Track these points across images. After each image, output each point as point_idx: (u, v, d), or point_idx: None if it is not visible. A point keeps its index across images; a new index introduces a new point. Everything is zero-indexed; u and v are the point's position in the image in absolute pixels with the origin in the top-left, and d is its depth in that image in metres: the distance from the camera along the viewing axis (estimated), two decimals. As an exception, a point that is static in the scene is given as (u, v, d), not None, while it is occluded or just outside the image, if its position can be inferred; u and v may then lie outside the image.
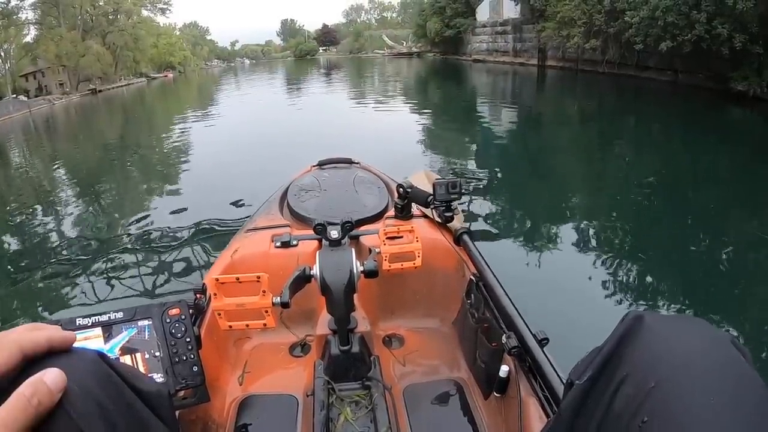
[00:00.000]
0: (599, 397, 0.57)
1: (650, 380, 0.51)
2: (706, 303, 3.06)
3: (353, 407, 1.25)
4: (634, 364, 0.54)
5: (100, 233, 4.87)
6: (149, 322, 1.10)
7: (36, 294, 3.61)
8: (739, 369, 0.51)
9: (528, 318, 1.17)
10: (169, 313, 1.12)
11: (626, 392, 0.53)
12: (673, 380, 0.50)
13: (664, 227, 4.27)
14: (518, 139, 8.89)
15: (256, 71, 47.22)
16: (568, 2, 17.34)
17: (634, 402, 0.52)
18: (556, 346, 1.10)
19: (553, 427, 0.66)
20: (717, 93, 11.30)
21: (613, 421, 0.54)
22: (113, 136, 13.39)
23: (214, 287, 1.17)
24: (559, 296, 2.95)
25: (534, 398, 1.05)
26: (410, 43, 50.56)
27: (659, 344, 0.54)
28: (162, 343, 1.10)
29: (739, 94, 10.56)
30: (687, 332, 0.55)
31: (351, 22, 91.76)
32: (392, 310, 1.74)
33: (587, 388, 0.59)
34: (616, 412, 0.54)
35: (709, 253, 3.82)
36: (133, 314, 1.10)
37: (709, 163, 6.55)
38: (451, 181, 1.62)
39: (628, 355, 0.55)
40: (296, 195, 2.05)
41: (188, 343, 1.12)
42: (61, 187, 7.62)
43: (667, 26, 11.83)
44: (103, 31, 37.98)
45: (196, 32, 77.52)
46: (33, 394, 0.42)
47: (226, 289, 1.17)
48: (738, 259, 3.66)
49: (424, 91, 18.75)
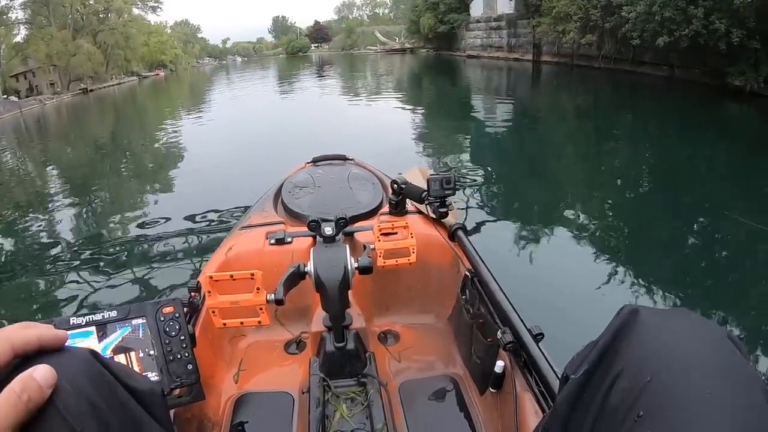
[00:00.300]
0: (595, 391, 0.57)
1: (646, 374, 0.51)
2: (702, 297, 3.07)
3: (349, 404, 1.26)
4: (629, 358, 0.54)
5: (93, 233, 4.86)
6: (143, 320, 1.09)
7: (30, 294, 3.60)
8: (734, 362, 0.51)
9: (523, 313, 1.17)
10: (163, 312, 1.11)
11: (622, 386, 0.53)
12: (668, 374, 0.50)
13: (658, 222, 4.29)
14: (513, 134, 8.90)
15: (248, 69, 47.02)
16: (564, -3, 17.26)
17: (629, 396, 0.52)
18: (551, 341, 1.10)
19: (549, 421, 0.66)
20: (713, 88, 11.31)
21: (609, 415, 0.54)
22: (105, 136, 13.32)
23: (208, 285, 1.16)
24: (555, 291, 2.95)
25: (529, 393, 1.06)
26: (403, 39, 50.49)
27: (654, 338, 0.54)
28: (156, 342, 1.09)
29: (736, 89, 10.56)
30: (682, 326, 0.55)
31: (343, 19, 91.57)
32: (387, 307, 1.74)
33: (583, 382, 0.59)
34: (612, 406, 0.54)
35: (704, 247, 3.85)
36: (127, 313, 1.09)
37: (705, 157, 6.57)
38: (445, 177, 1.62)
39: (624, 349, 0.55)
40: (290, 192, 2.04)
41: (182, 341, 1.11)
42: (54, 187, 7.57)
43: (665, 21, 11.78)
44: (93, 29, 37.71)
45: (188, 30, 77.10)
46: (23, 390, 0.42)
47: (220, 287, 1.17)
48: (734, 253, 3.69)
49: (418, 87, 18.73)
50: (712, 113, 9.78)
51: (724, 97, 10.57)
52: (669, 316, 0.59)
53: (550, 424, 0.65)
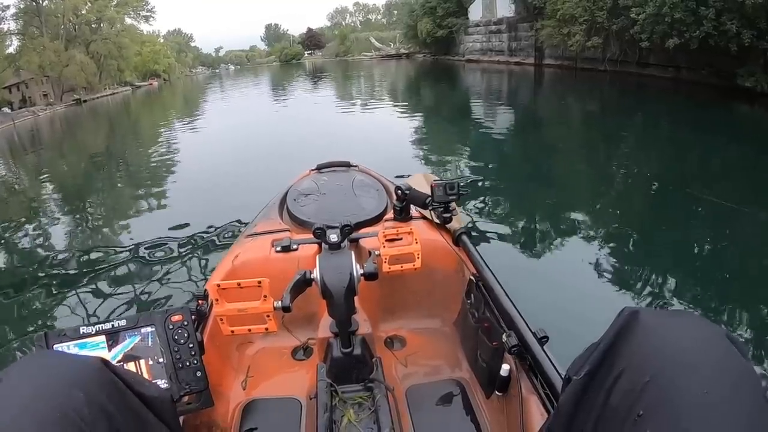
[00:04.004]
0: (597, 391, 0.59)
1: (646, 374, 0.53)
2: (704, 298, 3.08)
3: (356, 409, 1.26)
4: (630, 359, 0.56)
5: (97, 243, 4.83)
6: (152, 329, 1.11)
7: (39, 306, 3.57)
8: (733, 362, 0.53)
9: (528, 317, 1.19)
10: (171, 320, 1.13)
11: (623, 386, 0.55)
12: (668, 374, 0.52)
13: (662, 224, 4.29)
14: (518, 138, 8.86)
15: (241, 77, 46.90)
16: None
17: (630, 396, 0.53)
18: (556, 344, 1.11)
19: (553, 422, 0.68)
20: (721, 89, 11.16)
21: (611, 414, 0.56)
22: (102, 148, 13.24)
23: (215, 293, 1.18)
24: (559, 294, 2.95)
25: (535, 396, 1.07)
26: (398, 45, 50.46)
27: (654, 339, 0.56)
28: (165, 350, 1.11)
29: (746, 90, 10.41)
30: (682, 327, 0.57)
31: (336, 26, 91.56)
32: (393, 312, 1.75)
33: (585, 383, 0.61)
34: (613, 406, 0.56)
35: (708, 250, 3.84)
36: (136, 322, 1.11)
37: (716, 159, 6.48)
38: (449, 183, 1.64)
39: (625, 350, 0.57)
40: (295, 199, 2.06)
41: (191, 348, 1.13)
42: (53, 198, 7.56)
43: (674, 23, 11.56)
44: (86, 40, 37.57)
45: (180, 39, 76.99)
46: None
47: (227, 295, 1.18)
48: (738, 255, 3.67)
49: (417, 93, 18.54)
50: (722, 114, 9.65)
51: (733, 99, 10.43)
52: (669, 318, 0.61)
53: (553, 424, 0.67)
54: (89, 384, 0.62)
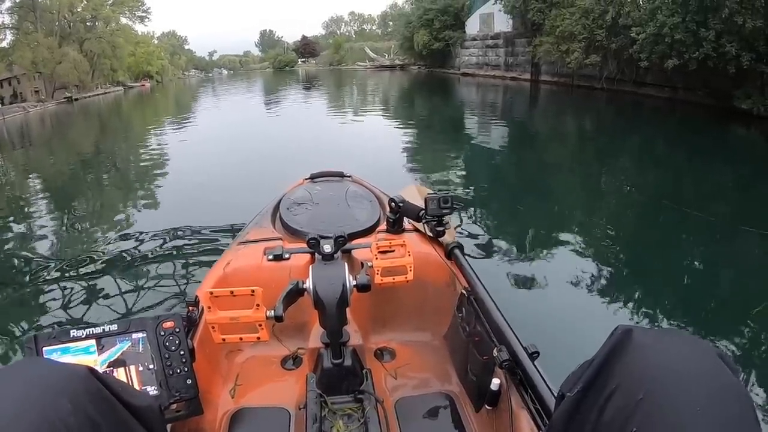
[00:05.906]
0: (590, 408, 0.60)
1: (639, 392, 0.54)
2: (697, 317, 3.10)
3: (345, 420, 1.26)
4: (623, 376, 0.57)
5: (86, 246, 4.74)
6: (143, 334, 1.10)
7: (29, 308, 3.50)
8: (724, 381, 0.54)
9: (519, 331, 1.19)
10: (163, 326, 1.12)
11: (616, 404, 0.56)
12: (661, 392, 0.53)
13: (654, 242, 4.32)
14: (512, 154, 8.88)
15: (235, 82, 46.77)
16: (569, 17, 16.92)
17: (623, 413, 0.54)
18: (547, 359, 1.12)
19: None
20: (717, 110, 11.25)
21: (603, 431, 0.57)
22: (92, 148, 13.04)
23: (208, 300, 1.17)
24: (551, 310, 2.96)
25: (525, 411, 1.08)
26: (393, 56, 50.66)
27: (647, 357, 0.57)
28: (156, 356, 1.10)
29: (742, 112, 10.51)
30: (674, 345, 0.59)
31: (330, 34, 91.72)
32: (384, 324, 1.75)
33: (578, 400, 0.62)
34: (607, 423, 0.56)
35: (700, 269, 3.87)
36: (127, 327, 1.10)
37: (710, 179, 6.52)
38: (442, 196, 1.66)
39: (618, 368, 0.58)
40: (288, 208, 2.06)
41: (182, 356, 1.12)
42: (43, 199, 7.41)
43: (674, 43, 11.57)
44: (80, 37, 37.26)
45: (174, 41, 76.62)
46: None
47: (220, 303, 1.18)
48: (731, 275, 3.71)
49: (412, 106, 18.48)
50: (718, 135, 9.72)
51: (730, 120, 10.51)
52: (661, 336, 0.62)
53: None
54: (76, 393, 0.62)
